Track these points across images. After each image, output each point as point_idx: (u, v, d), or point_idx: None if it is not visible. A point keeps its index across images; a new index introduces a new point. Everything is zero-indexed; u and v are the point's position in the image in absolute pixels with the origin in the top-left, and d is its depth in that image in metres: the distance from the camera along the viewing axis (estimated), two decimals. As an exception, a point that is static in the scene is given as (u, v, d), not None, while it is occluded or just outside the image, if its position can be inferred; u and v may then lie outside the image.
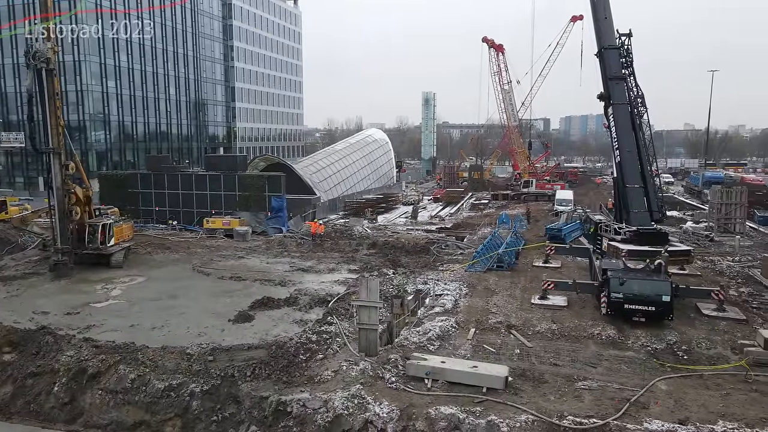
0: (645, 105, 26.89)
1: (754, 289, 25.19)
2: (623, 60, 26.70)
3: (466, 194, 71.29)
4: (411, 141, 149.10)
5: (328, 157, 68.72)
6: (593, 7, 27.97)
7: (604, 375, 16.47)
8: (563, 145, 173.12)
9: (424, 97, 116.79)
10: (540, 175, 75.39)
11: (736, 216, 40.62)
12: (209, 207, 43.79)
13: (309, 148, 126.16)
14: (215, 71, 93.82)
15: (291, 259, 33.11)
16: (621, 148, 25.81)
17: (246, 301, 23.97)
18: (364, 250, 35.27)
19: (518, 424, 13.63)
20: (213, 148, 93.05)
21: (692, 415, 13.91)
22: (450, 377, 15.65)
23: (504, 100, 73.58)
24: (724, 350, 18.07)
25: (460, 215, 55.38)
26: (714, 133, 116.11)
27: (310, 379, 16.06)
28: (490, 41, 72.00)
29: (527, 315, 21.44)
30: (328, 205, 55.17)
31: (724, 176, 71.99)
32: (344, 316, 21.39)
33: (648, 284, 20.25)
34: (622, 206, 26.03)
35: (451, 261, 31.33)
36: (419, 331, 19.57)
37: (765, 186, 57.49)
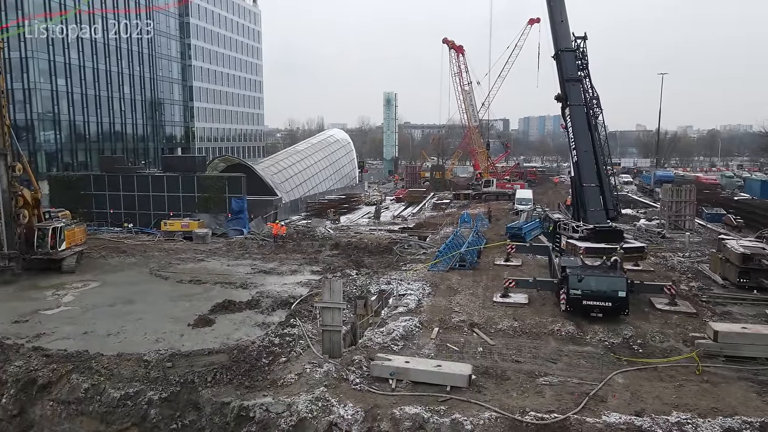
0: (600, 106, 27.61)
1: (703, 283, 26.27)
2: (579, 62, 27.35)
3: (428, 194, 71.75)
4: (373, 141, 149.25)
5: (290, 158, 68.01)
6: (550, 10, 28.58)
7: (564, 370, 16.83)
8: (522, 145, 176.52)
9: (385, 98, 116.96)
10: (500, 174, 76.62)
11: (685, 213, 42.26)
12: (167, 209, 42.65)
13: (270, 149, 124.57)
14: (172, 70, 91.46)
15: (252, 261, 32.59)
16: (578, 148, 26.45)
17: (206, 305, 23.44)
18: (327, 251, 35.05)
19: (482, 422, 13.77)
20: (170, 148, 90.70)
21: (648, 406, 14.36)
22: (414, 377, 15.69)
23: (464, 101, 74.38)
24: (676, 343, 18.75)
25: (423, 215, 55.74)
26: (664, 134, 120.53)
27: (273, 383, 15.81)
28: (450, 42, 72.67)
29: (489, 313, 21.72)
30: (290, 206, 54.59)
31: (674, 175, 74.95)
32: (307, 318, 21.18)
33: (605, 281, 20.83)
34: (579, 205, 26.69)
35: (413, 261, 31.46)
36: (383, 332, 19.56)
37: (719, 184, 60.08)
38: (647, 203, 60.03)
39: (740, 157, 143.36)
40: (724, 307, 22.78)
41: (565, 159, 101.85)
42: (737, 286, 25.09)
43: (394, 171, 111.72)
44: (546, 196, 63.10)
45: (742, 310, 22.33)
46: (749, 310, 22.38)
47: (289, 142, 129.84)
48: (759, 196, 54.42)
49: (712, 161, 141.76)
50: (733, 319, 20.90)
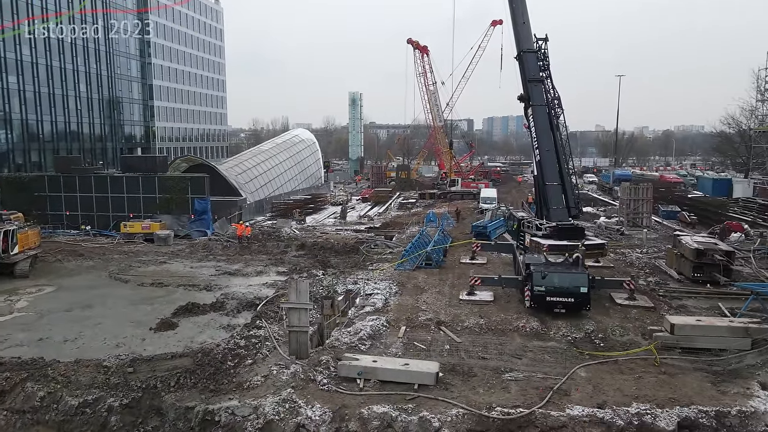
0: (561, 106, 28.27)
1: (660, 278, 27.15)
2: (541, 63, 27.93)
3: (394, 194, 72.00)
4: (338, 141, 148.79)
5: (254, 158, 67.16)
6: (512, 12, 29.08)
7: (529, 365, 17.12)
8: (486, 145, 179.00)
9: (350, 98, 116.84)
10: (465, 174, 77.54)
11: (643, 211, 43.63)
12: (127, 211, 41.55)
13: (234, 149, 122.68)
14: (131, 68, 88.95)
15: (217, 262, 32.04)
16: (540, 148, 27.00)
17: (169, 308, 22.89)
18: (293, 251, 34.76)
19: (449, 419, 13.88)
20: (130, 148, 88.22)
21: (609, 398, 14.73)
22: (382, 376, 15.69)
23: (429, 101, 74.97)
24: (635, 336, 19.31)
25: (389, 215, 55.88)
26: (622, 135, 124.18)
27: (239, 386, 15.56)
28: (415, 43, 73.12)
29: (456, 311, 21.91)
30: (255, 206, 53.91)
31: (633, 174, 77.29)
32: (273, 319, 20.95)
33: (567, 277, 21.28)
34: (542, 203, 27.24)
35: (380, 260, 31.49)
36: (350, 332, 19.50)
37: (682, 183, 62.16)
38: (607, 201, 61.69)
39: (693, 157, 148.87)
40: (680, 300, 23.59)
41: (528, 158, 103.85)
42: (692, 280, 26.03)
43: (359, 171, 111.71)
44: (510, 195, 64.15)
45: (697, 304, 23.16)
46: (703, 303, 23.23)
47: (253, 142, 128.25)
48: (711, 194, 56.64)
49: (666, 160, 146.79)
50: (688, 312, 21.64)
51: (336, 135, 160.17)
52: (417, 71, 73.82)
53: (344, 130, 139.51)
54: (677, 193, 56.91)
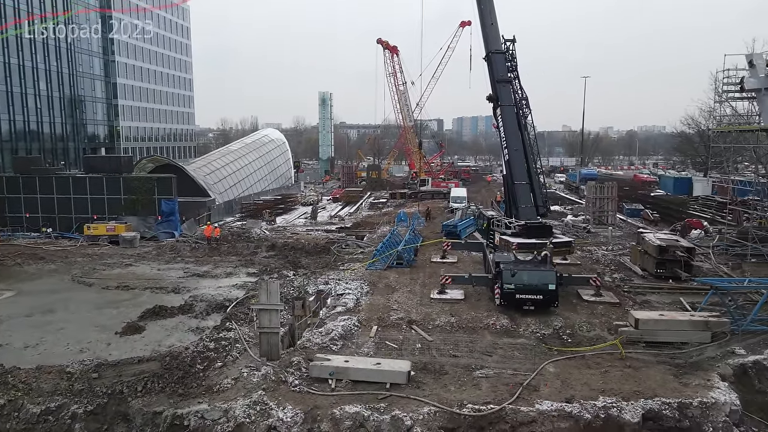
0: (529, 106, 28.78)
1: (625, 274, 27.84)
2: (509, 64, 28.35)
3: (364, 194, 71.98)
4: (308, 141, 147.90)
5: (223, 158, 66.16)
6: (480, 14, 29.45)
7: (499, 362, 17.34)
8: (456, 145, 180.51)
9: (320, 97, 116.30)
10: (435, 173, 78.02)
11: (608, 209, 44.70)
12: (90, 212, 40.46)
13: (202, 149, 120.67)
14: (93, 65, 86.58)
15: (185, 264, 31.48)
16: (509, 147, 27.41)
17: (135, 312, 22.38)
18: (263, 252, 34.42)
19: (421, 417, 13.95)
20: (93, 148, 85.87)
21: (577, 393, 15.04)
22: (354, 376, 15.67)
23: (399, 101, 75.22)
24: (602, 331, 19.75)
25: (360, 214, 55.83)
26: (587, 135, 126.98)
27: (209, 389, 15.33)
28: (385, 43, 73.23)
29: (427, 309, 22.03)
30: (224, 207, 53.15)
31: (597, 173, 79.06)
32: (244, 321, 20.72)
33: (536, 275, 21.64)
34: (511, 202, 27.64)
35: (351, 260, 31.45)
36: (322, 332, 19.42)
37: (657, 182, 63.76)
38: (573, 200, 62.95)
39: (655, 156, 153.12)
40: (644, 296, 24.24)
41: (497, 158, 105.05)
42: (655, 276, 26.78)
43: (330, 171, 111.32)
44: (480, 195, 64.82)
45: (660, 299, 23.85)
46: (666, 298, 23.94)
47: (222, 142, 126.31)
48: (672, 192, 58.40)
49: (630, 160, 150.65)
50: (652, 307, 22.26)
51: (306, 135, 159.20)
52: (387, 71, 74.04)
53: (314, 130, 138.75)
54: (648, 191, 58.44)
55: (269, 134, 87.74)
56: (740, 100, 29.87)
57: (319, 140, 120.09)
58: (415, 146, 78.73)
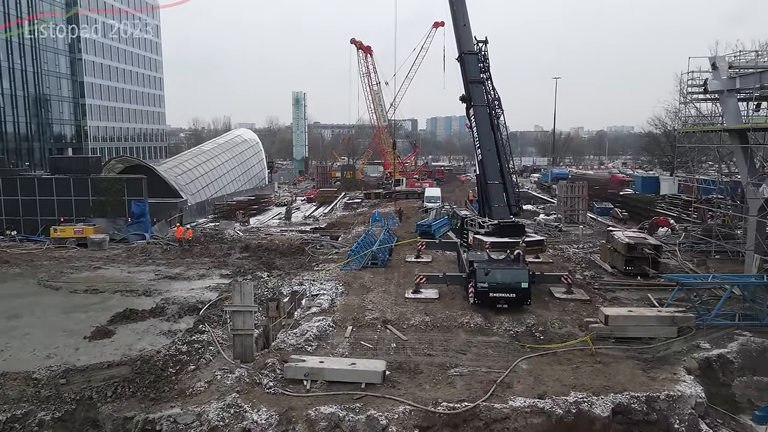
0: (501, 107, 29.03)
1: (595, 272, 28.43)
2: (481, 65, 28.58)
3: (339, 194, 71.80)
4: (282, 141, 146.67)
5: (195, 158, 65.14)
6: (453, 15, 29.63)
7: (473, 360, 17.53)
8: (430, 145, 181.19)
9: (294, 97, 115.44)
10: (410, 173, 78.25)
11: (579, 208, 45.50)
12: (57, 214, 39.43)
13: (173, 149, 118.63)
14: (59, 63, 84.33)
15: (156, 266, 30.94)
16: (482, 147, 27.64)
17: (105, 315, 21.90)
18: (237, 253, 34.08)
19: (396, 416, 14.03)
20: (60, 149, 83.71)
21: (549, 389, 15.30)
22: (329, 376, 15.66)
23: (373, 101, 75.18)
24: (573, 328, 20.13)
25: (334, 215, 55.67)
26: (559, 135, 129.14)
27: (182, 393, 15.13)
28: (358, 43, 73.11)
29: (402, 309, 22.12)
30: (197, 208, 52.37)
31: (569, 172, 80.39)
32: (217, 323, 20.49)
33: (509, 273, 21.92)
34: (484, 201, 27.89)
35: (326, 261, 31.38)
36: (296, 333, 19.35)
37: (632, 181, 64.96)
38: (545, 199, 63.88)
39: (624, 156, 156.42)
40: (614, 293, 24.79)
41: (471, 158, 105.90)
42: (624, 273, 27.40)
43: (304, 171, 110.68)
44: (454, 194, 65.24)
45: (629, 295, 24.42)
46: (634, 294, 24.52)
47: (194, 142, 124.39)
48: (640, 191, 59.75)
49: (600, 159, 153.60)
50: (621, 304, 22.80)
51: (280, 135, 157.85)
52: (361, 71, 73.89)
53: (288, 130, 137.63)
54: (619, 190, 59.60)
55: (242, 134, 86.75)
56: (704, 101, 30.68)
57: (293, 140, 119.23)
58: (390, 146, 78.85)
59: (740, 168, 27.21)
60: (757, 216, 24.84)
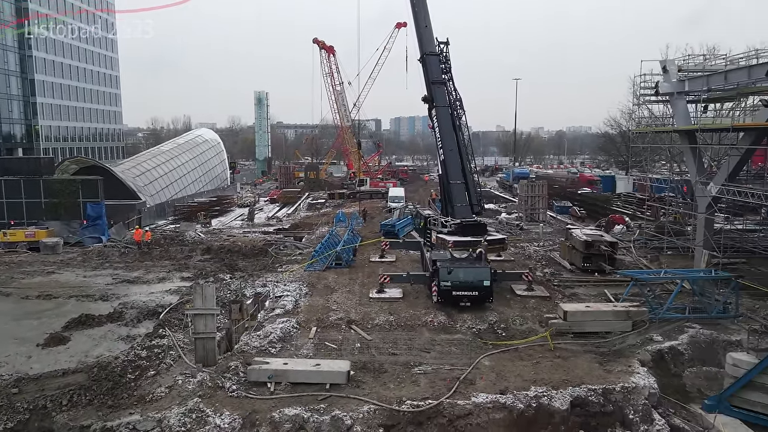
0: (463, 108, 29.41)
1: (555, 269, 29.14)
2: (443, 66, 28.90)
3: (302, 194, 71.38)
4: (245, 141, 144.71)
5: (154, 159, 63.60)
6: (414, 16, 29.86)
7: (437, 358, 17.74)
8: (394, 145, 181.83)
9: (256, 97, 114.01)
10: (373, 173, 78.39)
11: (539, 207, 46.52)
12: (6, 217, 37.91)
13: (131, 149, 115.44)
14: (7, 60, 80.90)
15: (114, 270, 30.11)
16: (444, 147, 27.96)
17: (59, 322, 21.19)
18: (198, 255, 33.47)
19: (361, 416, 14.08)
20: (9, 149, 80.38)
21: (510, 384, 15.63)
22: (293, 378, 15.60)
23: (336, 101, 75.06)
24: (533, 324, 20.60)
25: (298, 215, 55.34)
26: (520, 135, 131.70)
27: (141, 399, 14.80)
28: (321, 43, 72.84)
29: (366, 309, 22.19)
30: (156, 210, 51.14)
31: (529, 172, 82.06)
32: (178, 327, 20.10)
33: (471, 272, 22.25)
34: (447, 201, 28.22)
35: (290, 262, 31.17)
36: (260, 335, 19.18)
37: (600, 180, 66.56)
38: (507, 198, 65.04)
39: (582, 156, 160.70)
40: (572, 289, 25.48)
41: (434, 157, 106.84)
42: (582, 269, 28.20)
43: (267, 171, 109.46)
44: (417, 194, 65.70)
45: (586, 291, 25.14)
46: (592, 290, 25.26)
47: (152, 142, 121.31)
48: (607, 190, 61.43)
49: (560, 159, 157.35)
50: (579, 300, 23.45)
51: (242, 135, 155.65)
52: (323, 71, 73.71)
53: (250, 130, 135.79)
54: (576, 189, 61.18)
55: (203, 134, 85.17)
56: (656, 103, 31.91)
57: (256, 140, 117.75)
58: (354, 146, 78.81)
59: (689, 167, 28.40)
60: (705, 213, 25.96)
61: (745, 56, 24.73)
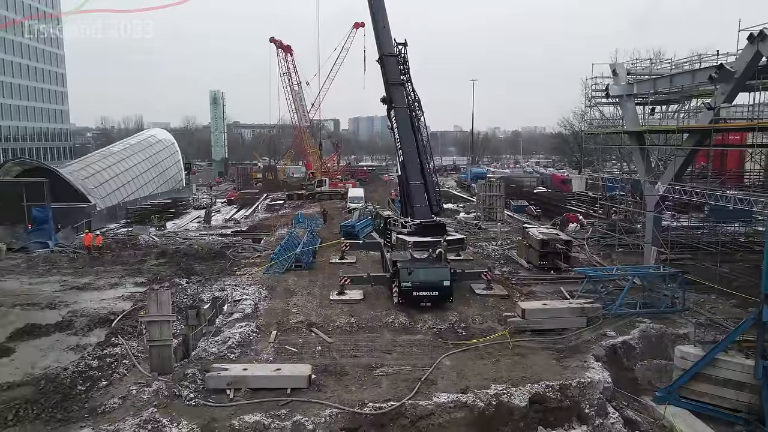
0: (421, 108, 29.57)
1: (513, 267, 29.69)
2: (401, 67, 28.99)
3: (261, 195, 70.37)
4: (200, 141, 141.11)
5: (104, 160, 61.30)
6: (373, 16, 29.84)
7: (398, 359, 17.78)
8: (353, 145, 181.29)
9: (212, 96, 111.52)
10: (333, 174, 77.96)
11: (496, 206, 47.30)
12: (-57, 223, 35.81)
13: (80, 150, 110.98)
14: (-58, 56, 76.57)
15: (62, 277, 28.91)
16: (403, 148, 28.05)
17: (2, 332, 20.25)
18: (153, 260, 32.53)
19: (323, 420, 13.98)
20: (-55, 150, 76.10)
21: (471, 383, 15.82)
22: (253, 384, 15.34)
23: (294, 101, 74.24)
24: (493, 323, 20.92)
25: (256, 217, 54.49)
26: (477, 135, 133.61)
27: (93, 412, 14.26)
28: (278, 42, 71.88)
29: (327, 311, 22.05)
30: (107, 213, 49.34)
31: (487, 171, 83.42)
32: (132, 334, 19.53)
33: (431, 272, 22.41)
34: (406, 201, 28.32)
35: (248, 264, 30.68)
36: (218, 341, 18.77)
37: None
38: (465, 198, 65.87)
39: (537, 155, 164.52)
40: (530, 287, 26.03)
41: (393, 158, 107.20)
42: (538, 267, 28.85)
43: (224, 172, 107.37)
44: (377, 194, 65.72)
45: (543, 289, 25.73)
46: (548, 288, 25.87)
47: (103, 142, 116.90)
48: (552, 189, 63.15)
49: (516, 159, 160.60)
50: (537, 297, 23.97)
51: (198, 135, 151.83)
52: (281, 71, 72.75)
53: (206, 129, 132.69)
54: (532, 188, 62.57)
55: (156, 134, 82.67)
56: (606, 105, 32.91)
57: (212, 141, 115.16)
58: (312, 146, 78.19)
59: (638, 167, 29.45)
60: (653, 211, 26.97)
61: (689, 61, 25.81)
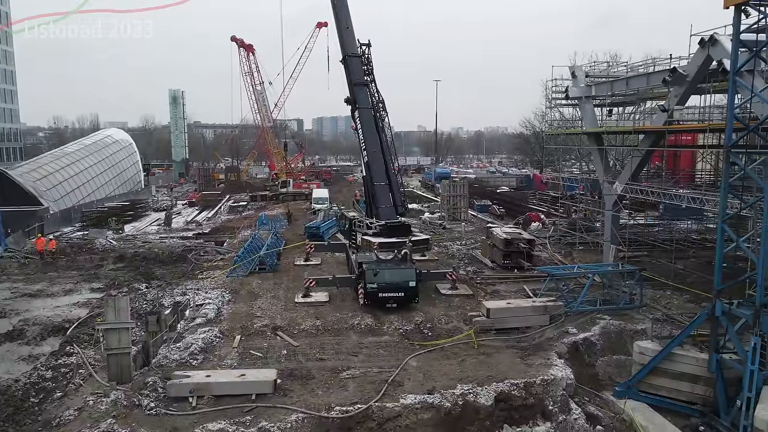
0: (385, 109, 29.58)
1: (477, 267, 30.00)
2: (365, 68, 28.93)
3: (223, 197, 69.19)
4: (160, 142, 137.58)
5: (57, 161, 59.11)
6: (336, 17, 29.72)
7: (365, 362, 17.72)
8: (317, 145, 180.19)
9: (171, 95, 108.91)
10: (297, 174, 77.25)
11: (460, 206, 47.74)
12: None
13: (31, 150, 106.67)
14: None
15: (12, 283, 27.69)
16: (368, 149, 27.99)
17: (-53, 344, 19.20)
18: (110, 264, 31.53)
19: (289, 425, 13.79)
20: None
21: (437, 383, 15.89)
22: (217, 391, 15.01)
23: (257, 101, 73.22)
24: (458, 323, 21.08)
25: (219, 219, 53.49)
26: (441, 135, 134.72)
27: (47, 424, 13.71)
28: (240, 41, 70.76)
29: (292, 314, 21.80)
30: (61, 216, 47.55)
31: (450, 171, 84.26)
32: (89, 343, 18.83)
33: (397, 273, 22.44)
34: (371, 202, 28.27)
35: (211, 268, 30.05)
36: (180, 347, 18.31)
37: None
38: (430, 198, 66.28)
39: (500, 155, 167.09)
40: (494, 286, 26.35)
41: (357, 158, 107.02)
42: (502, 267, 29.23)
43: (185, 173, 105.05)
44: (341, 194, 65.49)
45: (507, 288, 26.09)
46: (512, 287, 26.25)
47: (56, 142, 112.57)
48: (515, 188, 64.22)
49: (479, 158, 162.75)
50: (501, 297, 24.27)
51: (157, 135, 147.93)
52: (243, 70, 71.62)
53: (166, 129, 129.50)
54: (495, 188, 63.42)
55: (113, 134, 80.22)
56: (566, 106, 33.70)
57: (172, 141, 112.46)
58: (276, 147, 77.26)
59: (597, 167, 30.21)
60: (612, 210, 27.71)
61: (644, 64, 26.64)
